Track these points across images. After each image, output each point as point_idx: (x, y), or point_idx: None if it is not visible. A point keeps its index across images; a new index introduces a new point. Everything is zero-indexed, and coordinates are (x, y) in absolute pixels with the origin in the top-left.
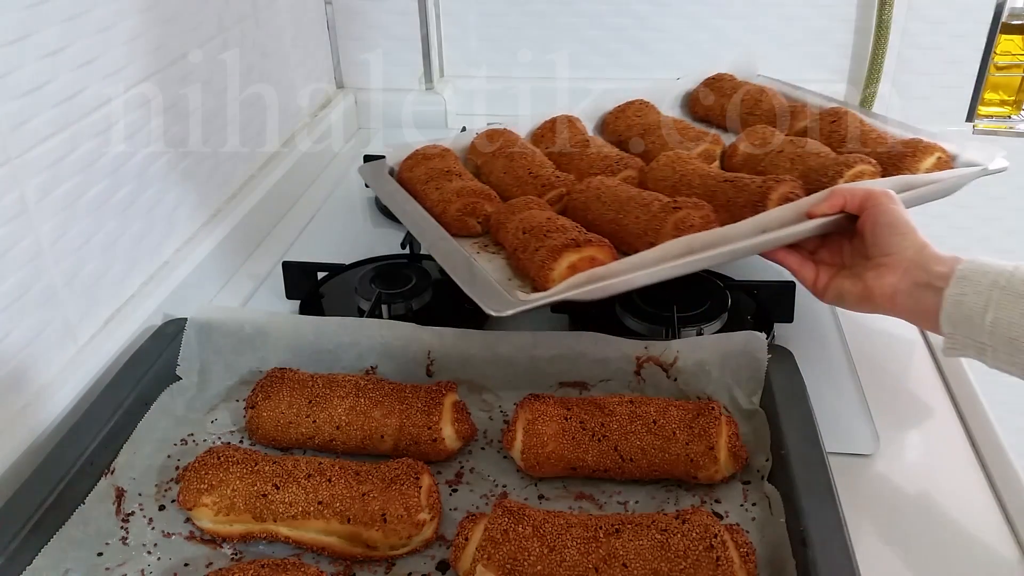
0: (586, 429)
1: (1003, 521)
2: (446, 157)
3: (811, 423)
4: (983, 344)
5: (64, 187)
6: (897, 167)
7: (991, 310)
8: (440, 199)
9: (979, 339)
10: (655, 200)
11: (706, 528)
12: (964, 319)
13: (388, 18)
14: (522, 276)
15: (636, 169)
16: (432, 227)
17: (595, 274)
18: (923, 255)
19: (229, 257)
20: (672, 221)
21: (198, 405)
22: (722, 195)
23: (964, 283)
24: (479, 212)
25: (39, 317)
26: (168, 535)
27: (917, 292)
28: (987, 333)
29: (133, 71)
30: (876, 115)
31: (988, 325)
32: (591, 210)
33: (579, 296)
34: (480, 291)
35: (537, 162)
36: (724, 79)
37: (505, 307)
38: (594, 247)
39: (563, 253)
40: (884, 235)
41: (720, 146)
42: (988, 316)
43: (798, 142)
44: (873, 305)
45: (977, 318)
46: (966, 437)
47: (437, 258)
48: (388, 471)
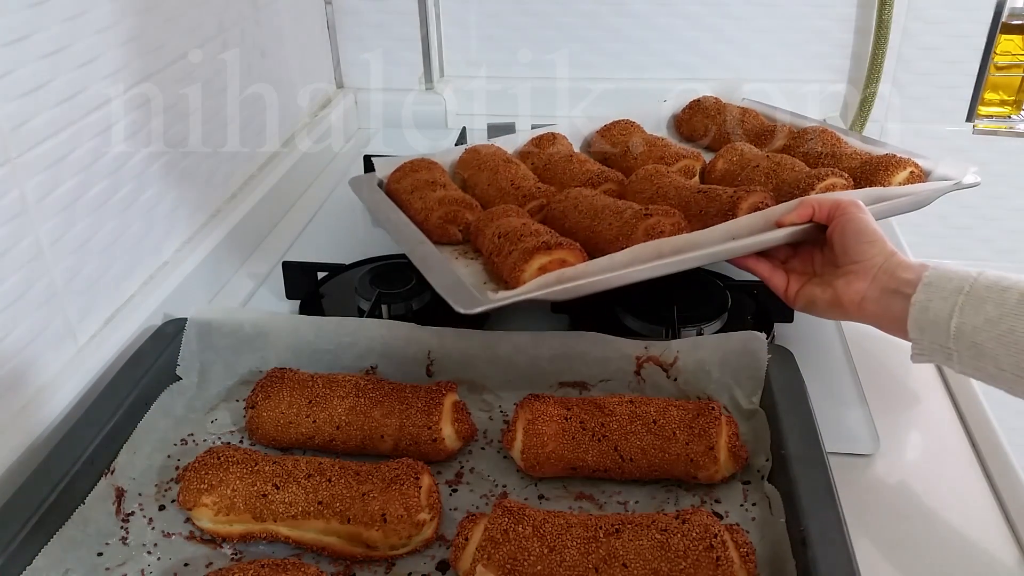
0: (586, 429)
1: (1003, 521)
2: (432, 169)
3: (811, 423)
4: (949, 349)
5: (64, 187)
6: (869, 181)
7: (956, 315)
8: (423, 207)
9: (945, 344)
10: (628, 208)
11: (706, 528)
12: (930, 324)
13: (388, 18)
14: (496, 279)
15: (617, 183)
16: (412, 233)
17: (564, 274)
18: (891, 262)
19: (229, 257)
20: (643, 227)
21: (198, 405)
22: (695, 205)
23: (930, 289)
24: (460, 220)
25: (39, 317)
26: (168, 535)
27: (885, 298)
28: (952, 338)
29: (133, 71)
30: (856, 135)
31: (953, 330)
32: (568, 219)
33: (548, 296)
34: (451, 290)
35: (520, 174)
36: (708, 102)
37: (474, 305)
38: (564, 250)
39: (534, 255)
40: (852, 243)
41: (700, 162)
42: (953, 321)
43: (774, 157)
44: (843, 311)
45: (943, 323)
46: (966, 437)
47: (414, 260)
48: (388, 471)
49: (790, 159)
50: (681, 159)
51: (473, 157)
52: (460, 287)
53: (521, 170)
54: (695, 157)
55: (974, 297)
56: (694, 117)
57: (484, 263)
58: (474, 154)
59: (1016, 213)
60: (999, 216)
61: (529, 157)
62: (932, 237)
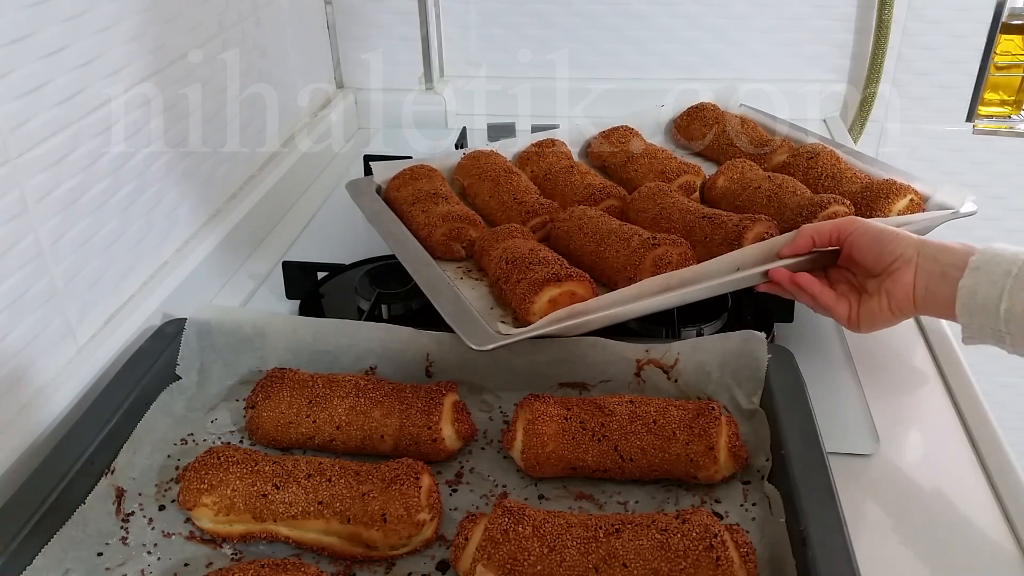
0: (586, 429)
1: (1003, 521)
2: (433, 178)
3: (811, 423)
4: (1000, 332)
5: (64, 187)
6: (870, 207)
7: (1004, 299)
8: (426, 222)
9: (996, 327)
10: (635, 235)
11: (706, 528)
12: (979, 308)
13: (388, 18)
14: (503, 306)
15: (619, 199)
16: (417, 253)
17: (575, 310)
18: (928, 248)
19: (229, 257)
20: (651, 257)
21: (198, 405)
22: (700, 231)
23: (978, 273)
24: (464, 237)
25: (39, 317)
26: (168, 535)
27: (932, 284)
28: (1003, 321)
29: (133, 71)
30: (852, 151)
31: (1003, 313)
32: (573, 240)
33: (559, 332)
34: (463, 324)
35: (522, 187)
36: (707, 108)
37: (486, 341)
38: (574, 282)
39: (544, 287)
40: (876, 250)
41: (701, 177)
42: (1003, 305)
43: (775, 179)
44: (902, 309)
45: (992, 307)
46: (966, 437)
47: (422, 286)
48: (388, 471)
49: (791, 182)
50: (682, 174)
51: (473, 164)
52: (471, 320)
53: (523, 182)
54: (695, 172)
55: (1023, 279)
56: (692, 124)
57: (490, 286)
58: (474, 161)
59: (1016, 213)
60: (999, 216)
61: (528, 164)
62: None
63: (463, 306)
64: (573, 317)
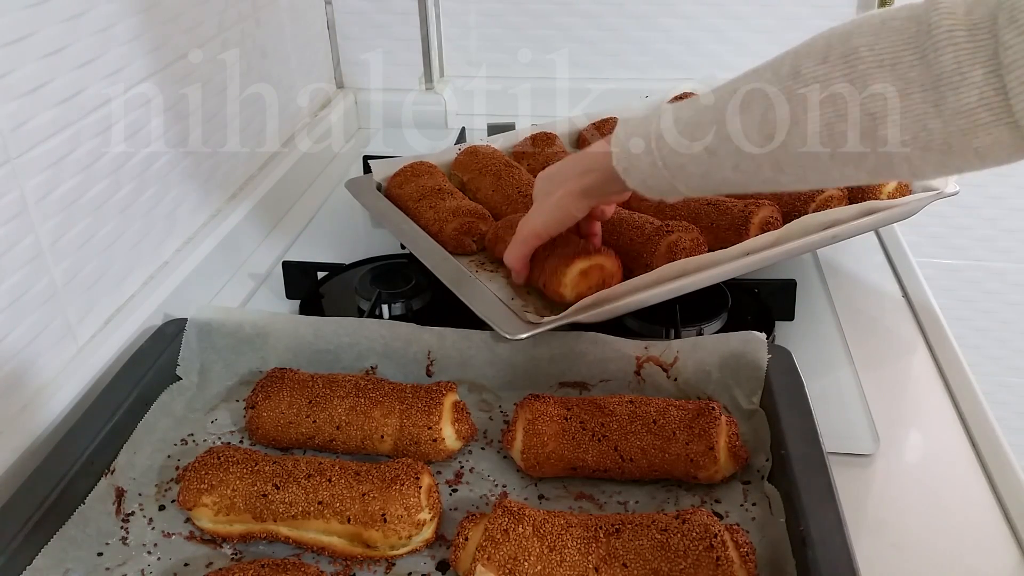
0: (586, 429)
1: (1003, 521)
2: (434, 174)
3: (811, 423)
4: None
5: (64, 187)
6: (862, 191)
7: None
8: (436, 218)
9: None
10: (647, 223)
11: (706, 528)
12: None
13: (388, 18)
14: (523, 296)
15: None
16: (433, 248)
17: (600, 297)
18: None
19: (229, 257)
20: (665, 243)
21: (198, 405)
22: (706, 217)
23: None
24: (475, 231)
25: (39, 317)
26: (168, 535)
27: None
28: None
29: (133, 71)
30: None
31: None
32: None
33: (587, 319)
34: (494, 315)
35: (524, 181)
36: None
37: (519, 330)
38: (603, 256)
39: (575, 260)
40: None
41: None
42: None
43: None
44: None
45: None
46: (966, 437)
47: (445, 280)
48: (388, 471)
49: None
50: None
51: (471, 159)
52: (501, 311)
53: (524, 176)
54: None
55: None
56: None
57: (507, 277)
58: (472, 156)
59: (1016, 213)
60: (999, 216)
61: (525, 158)
62: (932, 237)
63: (490, 297)
64: (600, 304)
